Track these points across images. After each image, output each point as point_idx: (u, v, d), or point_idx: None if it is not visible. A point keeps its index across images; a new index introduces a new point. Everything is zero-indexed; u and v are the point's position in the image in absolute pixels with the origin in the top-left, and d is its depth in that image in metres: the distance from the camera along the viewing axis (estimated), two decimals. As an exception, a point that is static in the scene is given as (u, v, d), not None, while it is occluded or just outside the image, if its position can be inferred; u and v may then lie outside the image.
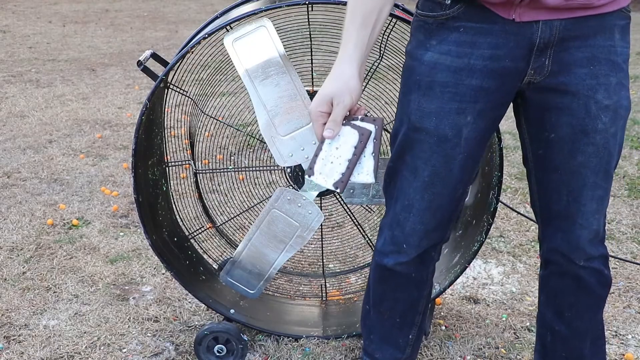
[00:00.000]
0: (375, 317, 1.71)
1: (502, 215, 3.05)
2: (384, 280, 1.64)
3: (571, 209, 1.44)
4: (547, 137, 1.42)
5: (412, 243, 1.56)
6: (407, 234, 1.54)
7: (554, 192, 1.46)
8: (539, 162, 1.48)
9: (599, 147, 1.39)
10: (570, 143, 1.40)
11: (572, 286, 1.53)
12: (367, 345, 1.74)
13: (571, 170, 1.41)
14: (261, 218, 1.77)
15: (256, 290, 1.89)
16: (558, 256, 1.51)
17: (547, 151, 1.44)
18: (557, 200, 1.46)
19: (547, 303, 1.61)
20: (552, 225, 1.50)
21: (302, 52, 2.00)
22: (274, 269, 1.83)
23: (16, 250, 2.73)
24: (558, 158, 1.42)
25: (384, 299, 1.68)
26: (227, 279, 1.87)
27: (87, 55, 7.00)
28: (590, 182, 1.41)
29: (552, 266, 1.54)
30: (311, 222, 1.75)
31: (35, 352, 2.08)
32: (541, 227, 1.54)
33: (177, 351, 2.10)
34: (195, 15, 10.27)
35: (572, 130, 1.39)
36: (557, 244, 1.49)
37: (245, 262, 1.84)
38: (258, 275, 1.85)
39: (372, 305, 1.70)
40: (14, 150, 3.93)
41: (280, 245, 1.79)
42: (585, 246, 1.46)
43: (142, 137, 1.92)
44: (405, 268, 1.60)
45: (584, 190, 1.42)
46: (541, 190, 1.49)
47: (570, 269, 1.50)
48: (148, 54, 2.02)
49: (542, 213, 1.52)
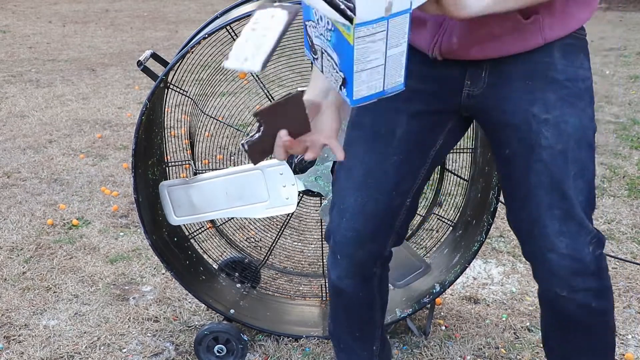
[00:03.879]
0: (337, 330, 1.67)
1: (502, 215, 3.03)
2: (337, 296, 1.60)
3: (534, 232, 1.38)
4: (505, 154, 1.40)
5: (345, 252, 1.49)
6: (339, 243, 1.49)
7: (518, 214, 1.42)
8: (503, 182, 1.45)
9: (546, 164, 1.34)
10: (522, 159, 1.36)
11: (558, 315, 1.45)
12: (337, 352, 1.71)
13: (527, 191, 1.37)
14: (245, 168, 1.74)
15: (178, 220, 1.84)
16: (541, 281, 1.43)
17: (507, 170, 1.41)
18: (522, 224, 1.41)
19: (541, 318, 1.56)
20: (526, 248, 1.44)
21: (302, 52, 2.00)
22: (207, 215, 1.79)
23: (16, 250, 2.73)
24: (516, 177, 1.39)
25: (338, 315, 1.64)
26: (164, 189, 1.83)
27: (87, 55, 7.00)
28: (546, 203, 1.35)
29: (540, 289, 1.47)
30: (279, 205, 1.74)
31: (35, 352, 2.08)
32: (522, 247, 1.48)
33: (177, 351, 2.10)
34: (195, 15, 10.27)
35: (521, 145, 1.35)
36: (536, 268, 1.43)
37: (195, 189, 1.79)
38: (192, 209, 1.81)
39: (331, 320, 1.67)
40: (14, 150, 3.93)
41: (235, 202, 1.76)
42: (562, 273, 1.36)
43: (142, 137, 1.92)
44: (348, 285, 1.54)
45: (541, 211, 1.36)
46: (510, 210, 1.45)
47: (554, 299, 1.41)
48: (148, 54, 2.02)
49: (517, 234, 1.46)
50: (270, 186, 1.75)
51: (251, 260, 2.34)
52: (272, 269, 2.44)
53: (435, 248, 2.28)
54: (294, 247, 2.49)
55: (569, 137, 1.34)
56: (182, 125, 2.34)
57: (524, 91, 1.34)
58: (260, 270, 2.35)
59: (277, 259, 2.48)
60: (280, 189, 1.75)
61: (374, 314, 1.64)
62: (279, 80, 2.21)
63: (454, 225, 2.23)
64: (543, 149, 1.33)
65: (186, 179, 1.93)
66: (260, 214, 1.79)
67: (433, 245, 2.29)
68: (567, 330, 1.47)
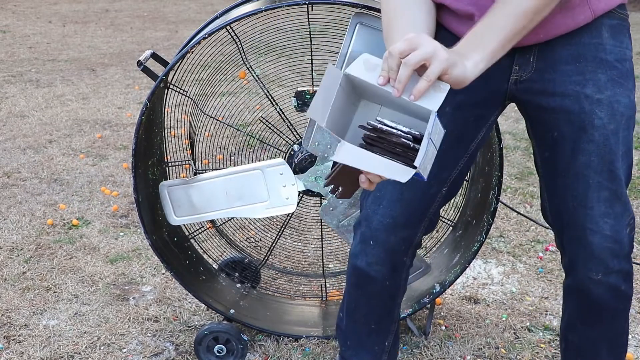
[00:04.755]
0: (350, 325, 1.67)
1: (502, 215, 3.05)
2: (359, 287, 1.60)
3: (578, 215, 1.39)
4: (552, 137, 1.40)
5: (379, 239, 1.51)
6: (375, 229, 1.50)
7: (561, 199, 1.42)
8: (545, 167, 1.45)
9: (599, 144, 1.35)
10: (572, 142, 1.37)
11: (585, 302, 1.46)
12: (344, 350, 1.71)
13: (575, 172, 1.38)
14: (245, 168, 1.75)
15: (178, 220, 1.84)
16: (575, 267, 1.44)
17: (552, 153, 1.42)
18: (564, 208, 1.41)
19: (563, 312, 1.57)
20: (566, 235, 1.44)
21: (302, 52, 2.00)
22: (207, 215, 1.79)
23: (16, 250, 2.73)
24: (562, 160, 1.40)
25: (358, 306, 1.64)
26: (164, 189, 1.83)
27: (87, 55, 7.00)
28: (595, 183, 1.36)
29: (569, 278, 1.48)
30: (279, 205, 1.74)
31: (35, 352, 2.08)
32: (557, 238, 1.49)
33: (177, 351, 2.10)
34: (195, 15, 10.26)
35: (572, 128, 1.36)
36: (573, 254, 1.43)
37: (195, 189, 1.80)
38: (192, 209, 1.82)
39: (346, 313, 1.66)
40: (14, 150, 3.93)
41: (235, 202, 1.76)
42: (602, 255, 1.38)
43: (142, 137, 1.92)
44: (377, 271, 1.54)
45: (589, 192, 1.37)
46: (550, 197, 1.45)
47: (584, 284, 1.43)
48: (148, 54, 2.02)
49: (554, 223, 1.47)
50: (270, 186, 1.75)
51: (251, 260, 2.34)
52: (272, 269, 2.44)
53: (435, 248, 2.28)
54: (294, 247, 2.49)
55: (621, 116, 1.35)
56: (182, 125, 2.34)
57: (574, 73, 1.35)
58: (260, 270, 2.35)
59: (277, 259, 2.48)
60: (280, 189, 1.75)
61: (394, 306, 1.65)
62: (279, 80, 2.21)
63: (454, 225, 2.23)
64: (596, 129, 1.35)
65: (186, 179, 1.93)
66: (260, 214, 1.79)
67: (433, 245, 2.29)
68: (592, 317, 1.48)
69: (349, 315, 1.66)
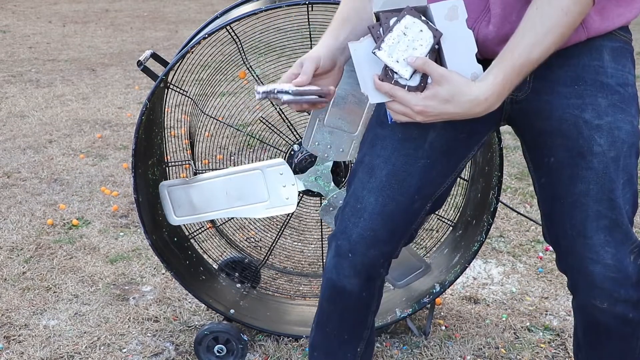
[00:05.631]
0: (321, 336, 1.61)
1: (502, 215, 3.05)
2: (333, 301, 1.54)
3: (577, 243, 1.33)
4: (548, 163, 1.35)
5: (358, 252, 1.45)
6: (354, 242, 1.44)
7: (559, 226, 1.36)
8: (542, 193, 1.40)
9: (597, 172, 1.29)
10: (569, 168, 1.31)
11: (592, 325, 1.41)
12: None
13: (572, 200, 1.32)
14: (245, 168, 1.74)
15: (178, 220, 1.84)
16: (579, 292, 1.39)
17: (549, 179, 1.36)
18: (563, 235, 1.36)
19: (574, 329, 1.52)
20: (566, 262, 1.39)
21: (302, 52, 2.00)
22: (207, 215, 1.80)
23: (16, 250, 2.73)
24: (559, 186, 1.34)
25: (331, 319, 1.58)
26: (164, 189, 1.83)
27: (87, 55, 7.00)
28: (593, 212, 1.30)
29: (575, 300, 1.43)
30: (279, 205, 1.74)
31: (35, 352, 2.08)
32: (557, 261, 1.44)
33: (177, 351, 2.10)
34: (195, 15, 10.26)
35: (569, 154, 1.31)
36: (574, 280, 1.38)
37: (195, 189, 1.79)
38: (192, 209, 1.81)
39: (316, 325, 1.60)
40: (14, 150, 3.93)
41: (235, 202, 1.76)
42: (605, 285, 1.32)
43: (142, 137, 1.92)
44: (353, 285, 1.49)
45: (587, 221, 1.31)
46: (548, 223, 1.40)
47: (589, 310, 1.38)
48: (148, 54, 2.03)
49: (554, 247, 1.42)
50: (270, 186, 1.75)
51: (251, 260, 2.34)
52: (272, 269, 2.44)
53: (435, 248, 2.28)
54: (294, 247, 2.49)
55: (622, 143, 1.29)
56: (182, 125, 2.34)
57: (572, 96, 1.29)
58: (260, 270, 2.35)
59: (277, 259, 2.48)
60: (280, 189, 1.75)
61: (368, 315, 1.60)
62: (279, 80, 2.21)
63: (454, 225, 2.23)
64: (594, 156, 1.28)
65: (186, 179, 1.93)
66: (260, 214, 1.79)
67: (433, 245, 2.29)
68: (600, 339, 1.43)
69: (320, 329, 1.60)
